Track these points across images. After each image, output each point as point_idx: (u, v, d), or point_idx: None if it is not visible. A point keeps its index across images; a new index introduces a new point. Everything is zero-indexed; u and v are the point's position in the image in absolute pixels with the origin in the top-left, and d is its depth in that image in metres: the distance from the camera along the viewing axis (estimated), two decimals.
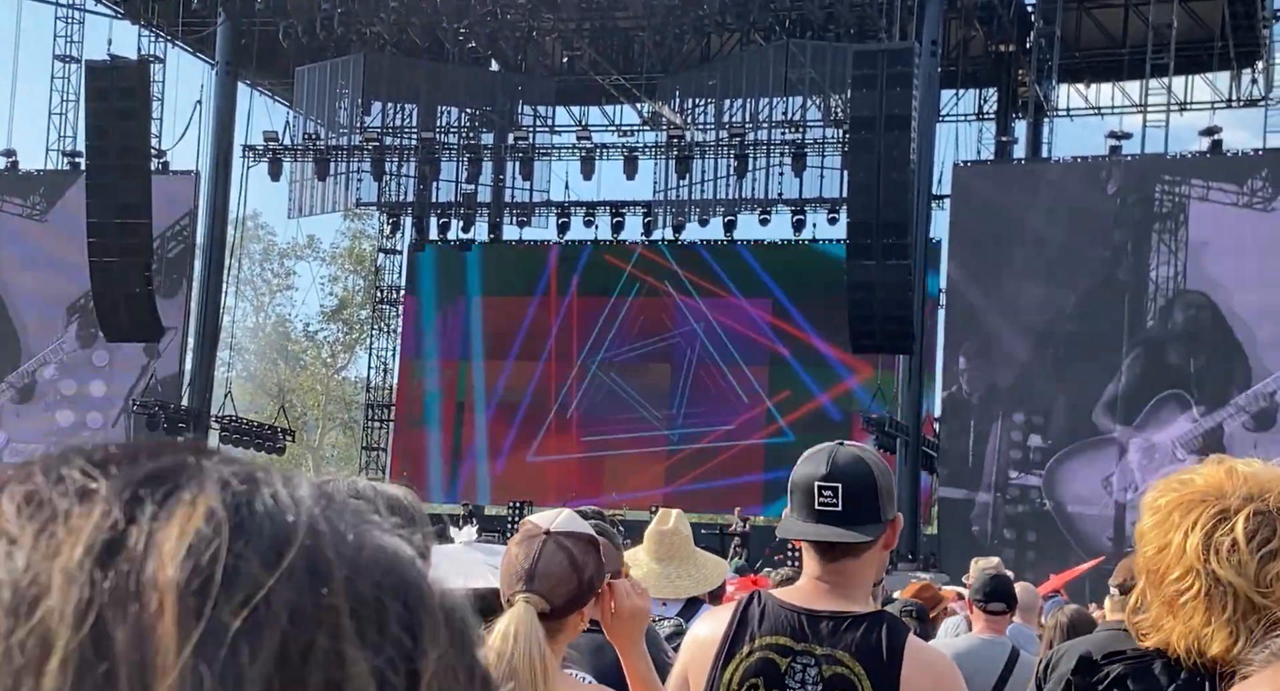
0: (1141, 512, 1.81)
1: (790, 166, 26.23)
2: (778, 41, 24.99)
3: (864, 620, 2.38)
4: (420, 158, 28.68)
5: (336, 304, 44.39)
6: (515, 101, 29.51)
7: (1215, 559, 1.68)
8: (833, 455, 2.42)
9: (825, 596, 2.41)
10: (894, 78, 19.65)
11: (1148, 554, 1.76)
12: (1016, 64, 26.84)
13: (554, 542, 2.26)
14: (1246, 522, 1.68)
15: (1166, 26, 22.86)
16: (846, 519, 2.37)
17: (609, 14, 26.22)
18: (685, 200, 27.59)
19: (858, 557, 2.41)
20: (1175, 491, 1.77)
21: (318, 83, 27.19)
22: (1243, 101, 26.31)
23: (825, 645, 2.36)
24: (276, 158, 28.18)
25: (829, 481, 2.37)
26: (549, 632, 2.16)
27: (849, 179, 21.91)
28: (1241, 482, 1.73)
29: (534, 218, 29.77)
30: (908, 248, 20.04)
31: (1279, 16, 25.04)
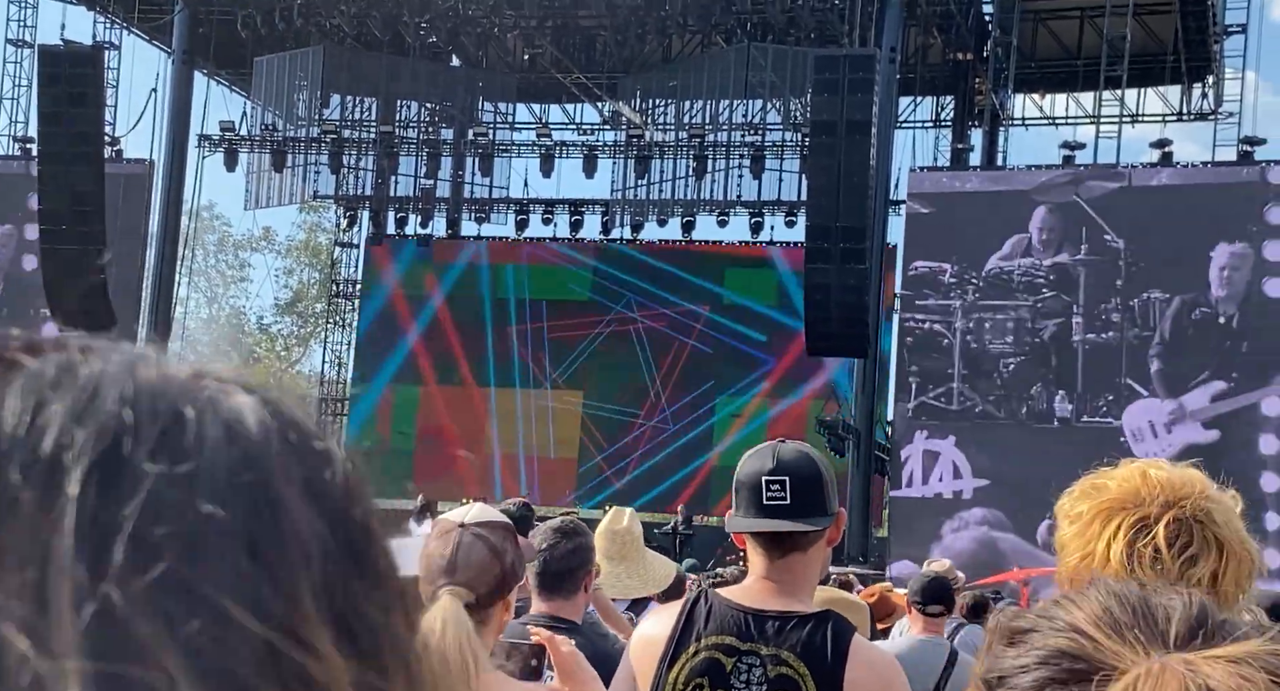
0: (1059, 521, 1.84)
1: (749, 169, 26.36)
2: (739, 44, 25.10)
3: (810, 620, 2.40)
4: (379, 152, 28.51)
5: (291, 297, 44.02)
6: (476, 97, 29.42)
7: (1139, 566, 1.71)
8: (777, 451, 2.45)
9: (772, 596, 2.42)
10: (855, 83, 19.80)
11: (1070, 563, 1.79)
12: (973, 72, 27.13)
13: (471, 534, 2.25)
14: (1167, 529, 1.72)
15: (1120, 39, 23.20)
16: (795, 511, 2.39)
17: (571, 12, 26.20)
18: (644, 200, 27.64)
19: (805, 552, 2.43)
20: (1091, 498, 1.80)
21: (276, 74, 26.94)
22: (1193, 115, 26.76)
23: (771, 645, 2.37)
24: (233, 148, 27.90)
25: (776, 475, 2.39)
26: (475, 625, 2.15)
27: (808, 182, 22.05)
28: (1157, 488, 1.76)
29: (493, 214, 29.71)
30: (865, 252, 20.21)
31: (1230, 32, 25.48)
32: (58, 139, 22.74)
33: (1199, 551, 1.73)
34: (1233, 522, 1.77)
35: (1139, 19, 24.41)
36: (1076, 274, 21.14)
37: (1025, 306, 21.21)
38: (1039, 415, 20.93)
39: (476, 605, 2.19)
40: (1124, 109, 25.18)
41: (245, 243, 44.43)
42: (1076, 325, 21.04)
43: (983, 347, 21.29)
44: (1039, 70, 26.78)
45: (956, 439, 21.02)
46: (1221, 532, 1.74)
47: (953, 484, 20.87)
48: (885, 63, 21.35)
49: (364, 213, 30.42)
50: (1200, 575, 1.71)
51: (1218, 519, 1.75)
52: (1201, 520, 1.74)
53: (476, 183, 29.34)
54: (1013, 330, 21.24)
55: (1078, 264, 21.13)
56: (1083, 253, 21.11)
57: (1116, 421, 20.58)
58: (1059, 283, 21.16)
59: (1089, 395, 20.80)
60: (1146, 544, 1.73)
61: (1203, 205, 20.46)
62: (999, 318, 21.30)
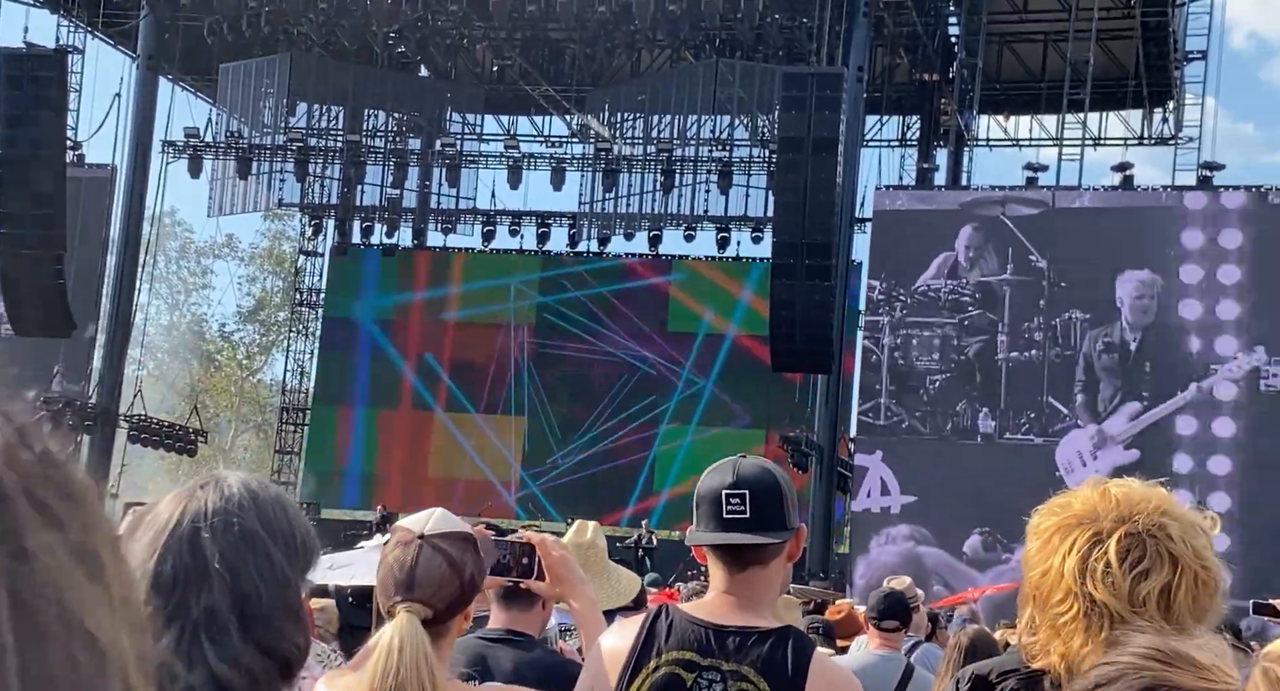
0: (1027, 537, 1.86)
1: (716, 184, 26.46)
2: (707, 60, 25.23)
3: (770, 635, 2.39)
4: (345, 160, 28.40)
5: (254, 305, 43.68)
6: (444, 108, 29.38)
7: (1091, 580, 1.73)
8: (737, 465, 2.45)
9: (733, 611, 2.41)
10: (823, 101, 19.94)
11: (1033, 579, 1.81)
12: (939, 93, 27.39)
13: (429, 547, 2.20)
14: (1119, 544, 1.74)
15: (1084, 63, 23.50)
16: (755, 525, 2.39)
17: (541, 25, 26.23)
18: (611, 213, 27.67)
19: (765, 566, 2.43)
20: (1056, 515, 1.82)
21: (242, 81, 26.79)
22: (1154, 139, 27.13)
23: (731, 660, 2.37)
24: (197, 155, 27.69)
25: (736, 489, 2.39)
26: (433, 638, 2.11)
27: (776, 199, 22.16)
28: (1113, 504, 1.78)
29: (459, 225, 29.65)
30: (830, 268, 20.32)
31: (1190, 58, 25.86)
32: (19, 142, 22.50)
33: (1151, 566, 1.73)
34: (1191, 539, 1.77)
35: (1101, 44, 24.74)
36: (1002, 293, 21.43)
37: (951, 324, 21.45)
38: (963, 431, 21.15)
39: (435, 619, 2.15)
40: (1086, 132, 25.52)
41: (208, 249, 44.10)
42: (1001, 343, 21.31)
43: (910, 364, 21.49)
44: (1004, 92, 27.08)
45: (884, 454, 21.18)
46: (1176, 547, 1.74)
47: (881, 500, 21.01)
48: (852, 81, 21.51)
49: (329, 221, 30.26)
50: (1150, 589, 1.72)
51: (1173, 534, 1.76)
52: (1155, 535, 1.75)
53: (443, 193, 29.30)
54: (939, 347, 21.48)
55: (1003, 283, 21.42)
56: (1008, 272, 21.40)
57: (1038, 439, 20.86)
58: (985, 301, 21.43)
59: (1011, 412, 21.07)
60: (1099, 558, 1.74)
61: (1122, 228, 20.83)
62: (926, 335, 21.54)
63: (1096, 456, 20.64)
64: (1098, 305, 21.07)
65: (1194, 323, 20.65)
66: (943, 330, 21.53)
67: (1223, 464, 20.18)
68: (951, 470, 20.49)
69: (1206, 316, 20.59)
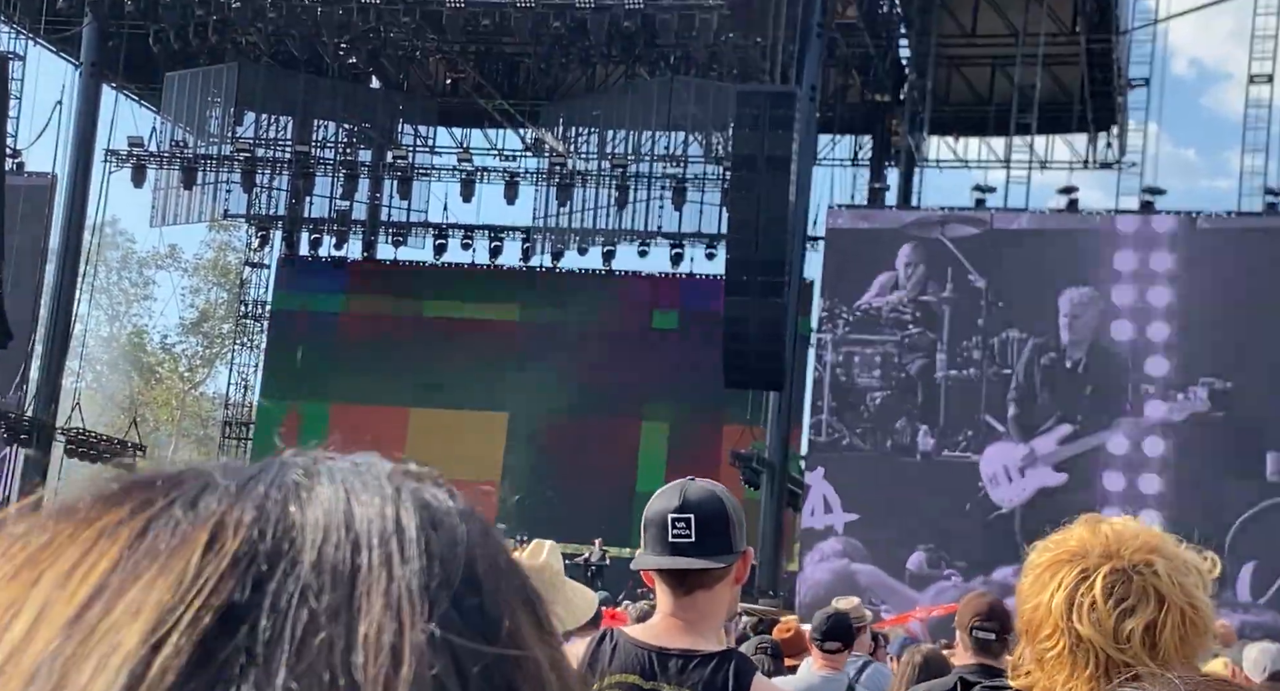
0: (1023, 572, 1.87)
1: (670, 200, 26.53)
2: (662, 77, 25.32)
3: (713, 658, 2.40)
4: (294, 171, 28.09)
5: (197, 316, 43.04)
6: (395, 120, 29.20)
7: (1077, 616, 1.74)
8: (684, 489, 2.47)
9: (677, 634, 2.42)
10: (776, 119, 20.07)
11: (1025, 613, 1.82)
12: (890, 114, 27.69)
13: None
14: (1104, 580, 1.75)
15: (1030, 87, 23.89)
16: (699, 549, 2.41)
17: (495, 38, 26.17)
18: (565, 228, 27.63)
19: (710, 590, 2.43)
20: (1050, 551, 1.83)
21: (188, 90, 26.45)
22: (1098, 164, 27.63)
23: (673, 683, 2.38)
24: (141, 164, 27.28)
25: (682, 513, 2.41)
26: None
27: (729, 216, 22.25)
28: (1102, 541, 1.80)
29: (410, 237, 29.42)
30: (783, 286, 20.40)
31: (1134, 85, 26.38)
32: None
33: (1136, 603, 1.73)
34: (1180, 577, 1.77)
35: (1048, 69, 25.17)
36: (941, 312, 21.71)
37: (893, 342, 21.67)
38: (903, 448, 21.37)
39: None
40: (1033, 155, 25.92)
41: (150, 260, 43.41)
42: (940, 361, 21.55)
43: (851, 381, 21.66)
44: (953, 114, 27.45)
45: (825, 470, 21.30)
46: (1162, 585, 1.75)
47: (824, 518, 21.11)
48: (805, 101, 21.68)
49: (276, 233, 29.91)
50: (1135, 626, 1.72)
51: (1160, 571, 1.76)
52: (1141, 571, 1.76)
53: (394, 206, 29.08)
54: (880, 364, 21.69)
55: (942, 302, 21.71)
56: (947, 291, 21.68)
57: (975, 456, 21.14)
58: (924, 320, 21.70)
59: (950, 430, 21.31)
60: (1085, 594, 1.75)
61: (1058, 250, 21.21)
62: (867, 352, 21.74)
63: (1024, 474, 20.88)
64: (1034, 324, 21.39)
65: (1125, 344, 21.03)
66: (884, 348, 21.73)
67: (1152, 482, 20.53)
68: (891, 487, 20.65)
69: (1138, 337, 20.98)
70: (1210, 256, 20.72)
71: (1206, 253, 20.82)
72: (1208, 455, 20.13)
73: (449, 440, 26.62)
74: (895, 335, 21.70)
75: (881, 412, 21.53)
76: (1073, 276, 21.26)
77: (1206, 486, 19.91)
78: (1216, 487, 19.88)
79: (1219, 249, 20.76)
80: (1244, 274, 20.29)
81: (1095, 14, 24.82)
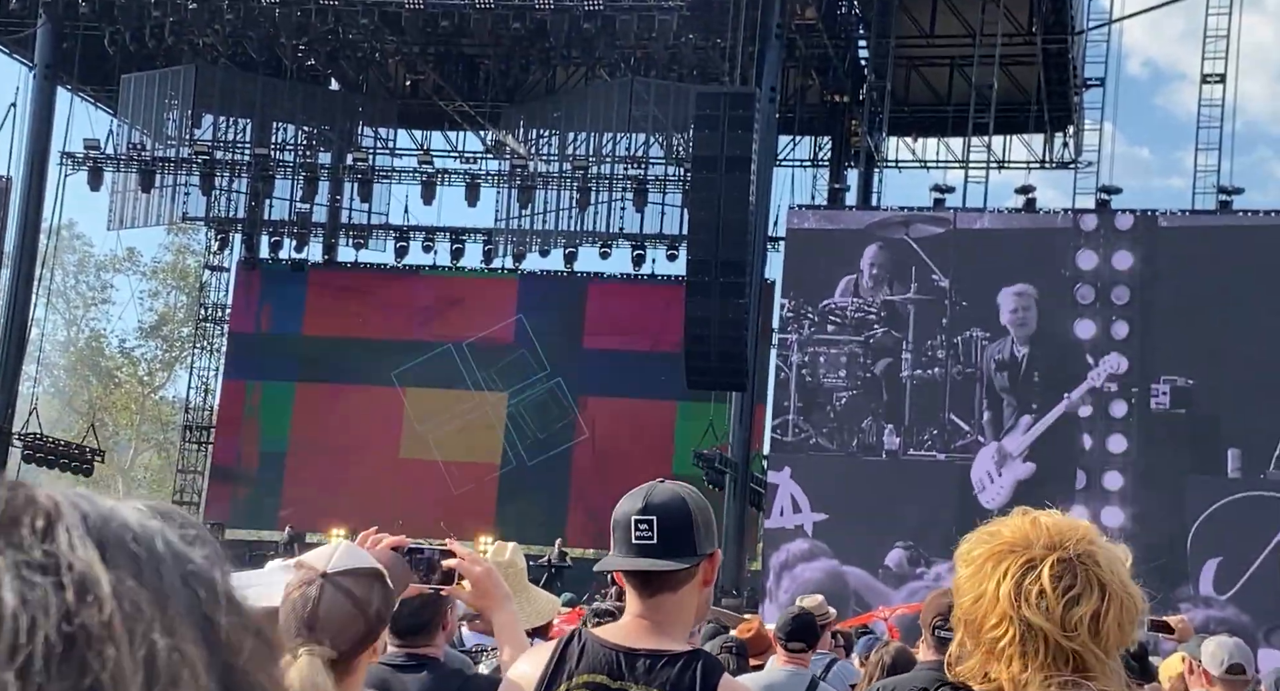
0: (957, 564, 1.90)
1: (632, 202, 26.55)
2: (622, 78, 25.33)
3: (680, 658, 2.42)
4: (253, 174, 27.89)
5: (156, 320, 42.63)
6: (355, 122, 29.05)
7: (1026, 605, 1.78)
8: (650, 491, 2.48)
9: (644, 634, 2.44)
10: (735, 120, 20.12)
11: (964, 604, 1.85)
12: (849, 114, 27.85)
13: (331, 585, 2.13)
14: (1052, 570, 1.79)
15: (988, 87, 24.09)
16: (662, 551, 2.42)
17: (454, 40, 26.09)
18: (527, 230, 27.58)
19: (675, 592, 2.45)
20: (986, 543, 1.87)
21: (145, 92, 26.21)
22: (1055, 163, 27.90)
23: (641, 683, 2.39)
24: (97, 167, 27.00)
25: (645, 515, 2.42)
26: (339, 676, 2.06)
27: (689, 217, 22.29)
28: (1044, 532, 1.84)
29: (371, 240, 29.29)
30: (744, 286, 20.47)
31: (1089, 85, 26.67)
32: None
33: (1082, 592, 1.79)
34: (1116, 567, 1.85)
35: (1005, 69, 25.40)
36: (906, 312, 21.87)
37: (858, 342, 21.82)
38: (869, 448, 21.49)
39: (340, 659, 2.09)
40: (991, 155, 26.14)
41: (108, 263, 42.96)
42: (905, 361, 21.72)
43: (817, 381, 21.80)
44: (911, 115, 27.64)
45: (792, 470, 21.41)
46: (1104, 575, 1.81)
47: (794, 518, 21.21)
48: (765, 101, 21.76)
49: (236, 236, 29.67)
50: (1082, 614, 1.78)
51: (1101, 561, 1.83)
52: (1085, 562, 1.81)
53: (355, 208, 28.92)
54: (846, 364, 21.81)
55: (907, 302, 21.87)
56: (912, 291, 21.85)
57: (940, 455, 21.30)
58: (889, 320, 21.85)
59: (915, 429, 21.48)
60: (1033, 583, 1.79)
61: (1020, 249, 21.45)
62: (833, 352, 21.86)
63: (1001, 474, 21.09)
64: (992, 323, 21.60)
65: (1088, 342, 21.25)
66: (849, 348, 21.85)
67: (1115, 479, 20.75)
68: (859, 487, 20.74)
69: (1100, 336, 21.21)
70: (1171, 254, 20.98)
71: (1167, 251, 21.08)
72: (1169, 452, 20.38)
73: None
74: (860, 336, 21.83)
75: (847, 412, 21.66)
76: (1034, 274, 21.44)
77: (1168, 483, 20.16)
78: (1178, 484, 20.12)
79: (1180, 247, 21.01)
80: (1205, 272, 20.54)
81: (1050, 15, 25.08)
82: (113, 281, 44.17)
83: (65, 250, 38.36)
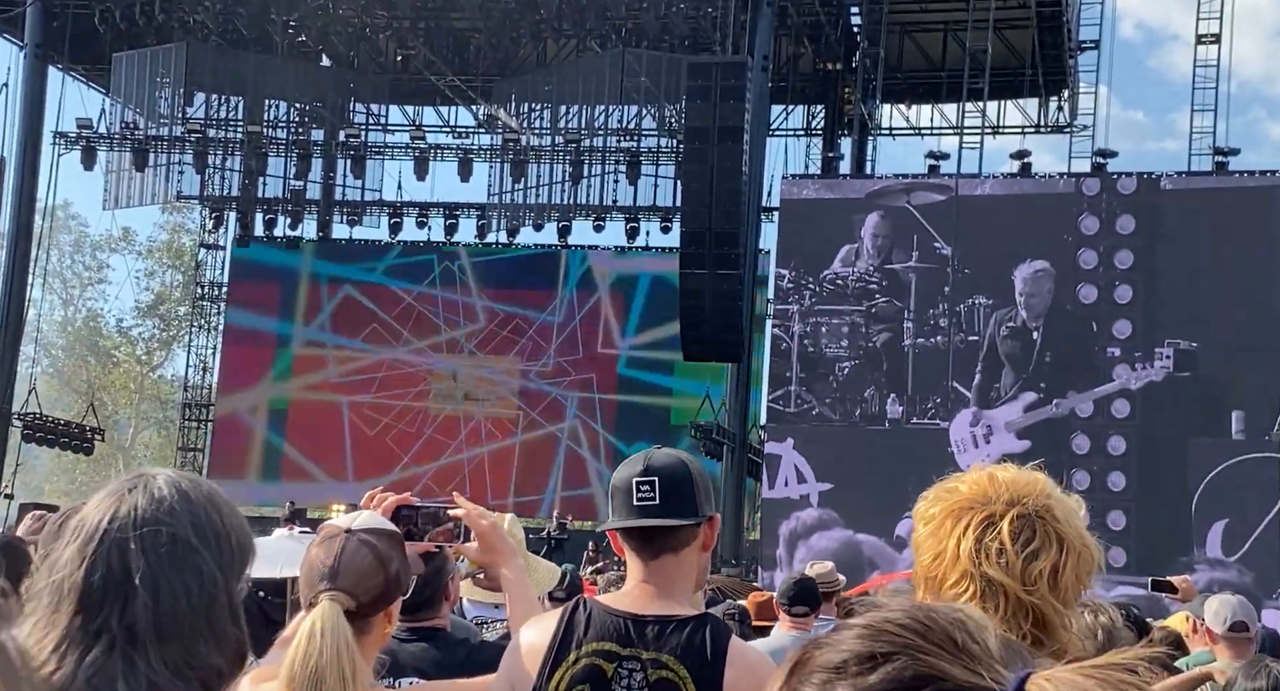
0: (915, 523, 1.92)
1: (625, 174, 26.48)
2: (613, 49, 25.20)
3: (689, 623, 2.43)
4: (246, 152, 27.81)
5: (153, 299, 42.61)
6: (347, 98, 28.93)
7: (986, 561, 1.79)
8: (649, 455, 2.51)
9: (650, 600, 2.44)
10: (727, 90, 20.06)
11: (924, 562, 1.86)
12: (843, 82, 27.73)
13: (356, 540, 2.19)
14: (1011, 525, 1.81)
15: (981, 52, 23.96)
16: (663, 511, 2.44)
17: (444, 14, 25.96)
18: (520, 204, 27.53)
19: (677, 553, 2.46)
20: (944, 500, 1.88)
21: (136, 71, 26.09)
22: (1050, 128, 27.80)
23: (651, 649, 2.39)
24: (90, 146, 26.92)
25: (646, 477, 2.44)
26: (355, 633, 2.08)
27: (682, 188, 22.25)
28: (1003, 488, 1.86)
29: (365, 216, 29.24)
30: (739, 258, 20.48)
31: (1084, 47, 26.55)
32: None
33: (1040, 546, 1.81)
34: (1073, 520, 1.86)
35: (999, 33, 25.26)
36: (907, 280, 21.82)
37: (859, 311, 21.80)
38: (871, 417, 21.49)
39: (357, 613, 2.13)
40: (985, 121, 26.05)
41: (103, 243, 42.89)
42: (907, 330, 21.69)
43: (819, 351, 21.79)
44: (905, 81, 27.50)
45: (794, 441, 21.43)
46: (1062, 528, 1.83)
47: (799, 488, 21.25)
48: (757, 71, 21.67)
49: (230, 214, 29.63)
50: (1041, 568, 1.79)
51: (1058, 515, 1.84)
52: (1043, 516, 1.83)
53: (348, 185, 28.85)
54: (847, 334, 21.79)
55: (908, 271, 21.82)
56: (914, 259, 21.80)
57: (944, 423, 21.30)
58: (891, 288, 21.81)
59: (918, 398, 21.48)
60: (993, 539, 1.81)
61: (1023, 215, 21.37)
62: (834, 322, 21.84)
63: (990, 441, 21.10)
64: (999, 290, 21.57)
65: (1090, 307, 21.25)
66: (851, 318, 21.83)
67: (1118, 444, 20.81)
68: (863, 457, 20.78)
69: (1103, 300, 21.21)
70: (1173, 217, 20.95)
71: (1169, 214, 21.04)
72: (1173, 415, 20.43)
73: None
74: (862, 305, 21.80)
75: (850, 382, 21.66)
76: (1038, 240, 21.35)
77: (1172, 446, 20.22)
78: (1182, 447, 20.19)
79: (1182, 210, 20.96)
80: (1207, 234, 20.51)
81: None
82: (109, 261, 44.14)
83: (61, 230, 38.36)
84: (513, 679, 2.47)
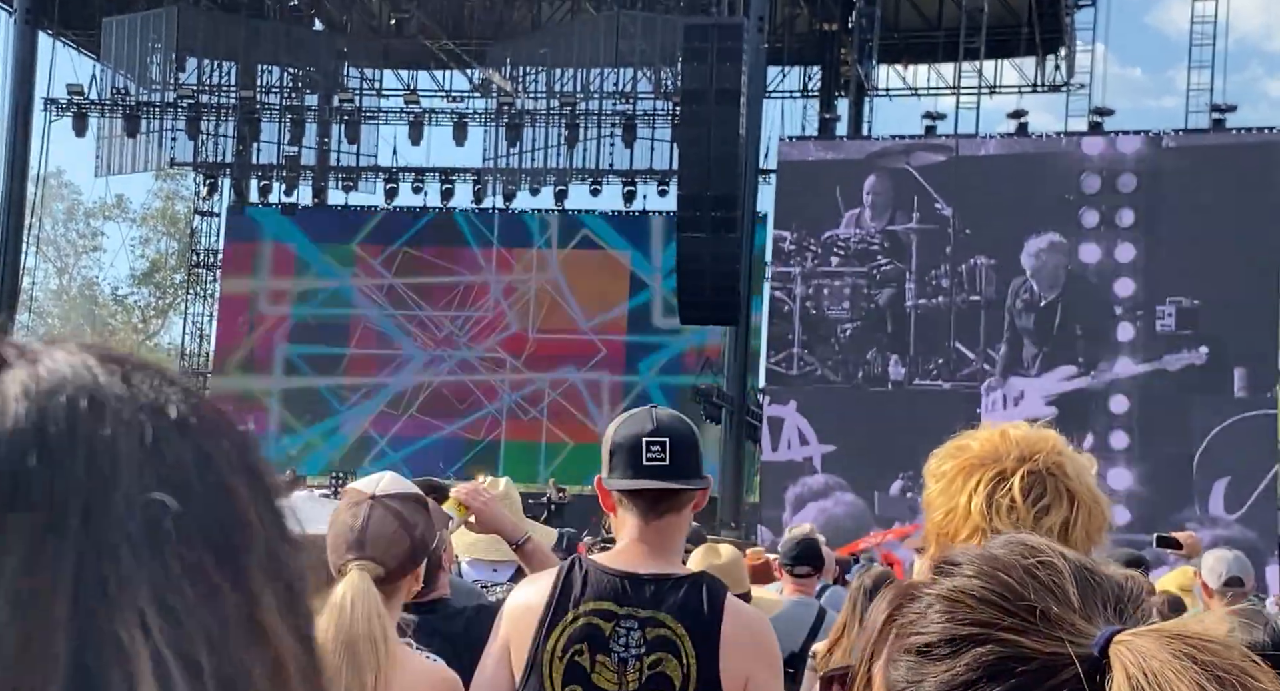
0: (926, 480, 1.93)
1: (621, 138, 26.33)
2: (608, 11, 24.98)
3: (685, 581, 2.44)
4: (239, 117, 27.62)
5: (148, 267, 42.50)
6: (340, 63, 28.71)
7: (997, 517, 1.80)
8: (655, 413, 2.50)
9: (646, 558, 2.45)
10: (723, 52, 19.91)
11: (936, 519, 1.88)
12: (839, 43, 27.53)
13: (381, 506, 2.23)
14: (1022, 481, 1.82)
15: (978, 10, 23.78)
16: (674, 472, 2.44)
17: None
18: (516, 169, 27.39)
19: (679, 514, 2.48)
20: (955, 457, 1.89)
21: (127, 35, 25.86)
22: (1047, 86, 27.64)
23: (648, 607, 2.40)
24: (82, 113, 26.73)
25: (656, 436, 2.44)
26: (383, 598, 2.13)
27: (679, 151, 22.14)
28: (1014, 445, 1.86)
29: (360, 182, 29.09)
30: (736, 220, 20.40)
31: (1080, 5, 26.33)
32: None
33: (1051, 502, 1.82)
34: (1083, 476, 1.87)
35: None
36: (909, 241, 21.76)
37: (861, 273, 21.75)
38: (874, 379, 21.49)
39: (386, 579, 2.17)
40: (982, 80, 25.89)
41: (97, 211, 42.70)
42: (909, 291, 21.66)
43: (821, 313, 21.77)
44: (902, 41, 27.31)
45: (798, 404, 21.43)
46: (1072, 484, 1.84)
47: (801, 450, 21.28)
48: (753, 32, 21.50)
49: (225, 180, 29.48)
50: (1052, 523, 1.80)
51: (1069, 471, 1.85)
52: (1054, 473, 1.84)
53: (343, 150, 28.67)
54: (849, 296, 21.76)
55: (909, 232, 21.76)
56: (914, 221, 21.74)
57: (946, 384, 21.31)
58: (893, 250, 21.76)
59: (920, 359, 21.48)
60: (1004, 495, 1.81)
61: (1024, 175, 21.28)
62: (836, 284, 21.80)
63: (1019, 404, 21.10)
64: (1000, 251, 21.51)
65: (1093, 267, 21.22)
66: (853, 279, 21.79)
67: (1121, 402, 20.84)
68: (863, 418, 20.80)
69: (1105, 259, 21.17)
70: (1174, 175, 20.86)
71: (1170, 172, 20.95)
72: (1175, 372, 20.45)
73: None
74: (863, 267, 21.76)
75: (852, 344, 21.65)
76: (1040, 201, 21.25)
77: (1175, 403, 20.25)
78: (1184, 404, 20.22)
79: (1183, 168, 20.89)
80: (1208, 191, 20.45)
81: None
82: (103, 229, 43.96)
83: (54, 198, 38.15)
84: (509, 638, 2.47)
